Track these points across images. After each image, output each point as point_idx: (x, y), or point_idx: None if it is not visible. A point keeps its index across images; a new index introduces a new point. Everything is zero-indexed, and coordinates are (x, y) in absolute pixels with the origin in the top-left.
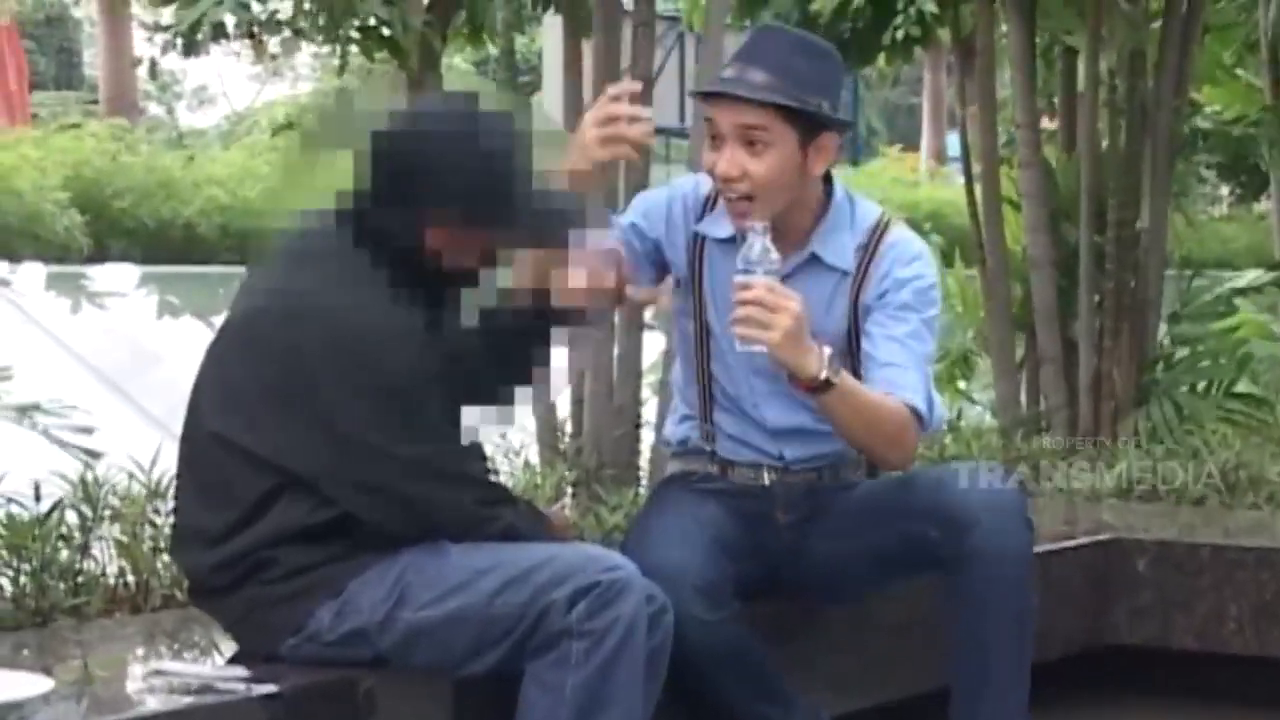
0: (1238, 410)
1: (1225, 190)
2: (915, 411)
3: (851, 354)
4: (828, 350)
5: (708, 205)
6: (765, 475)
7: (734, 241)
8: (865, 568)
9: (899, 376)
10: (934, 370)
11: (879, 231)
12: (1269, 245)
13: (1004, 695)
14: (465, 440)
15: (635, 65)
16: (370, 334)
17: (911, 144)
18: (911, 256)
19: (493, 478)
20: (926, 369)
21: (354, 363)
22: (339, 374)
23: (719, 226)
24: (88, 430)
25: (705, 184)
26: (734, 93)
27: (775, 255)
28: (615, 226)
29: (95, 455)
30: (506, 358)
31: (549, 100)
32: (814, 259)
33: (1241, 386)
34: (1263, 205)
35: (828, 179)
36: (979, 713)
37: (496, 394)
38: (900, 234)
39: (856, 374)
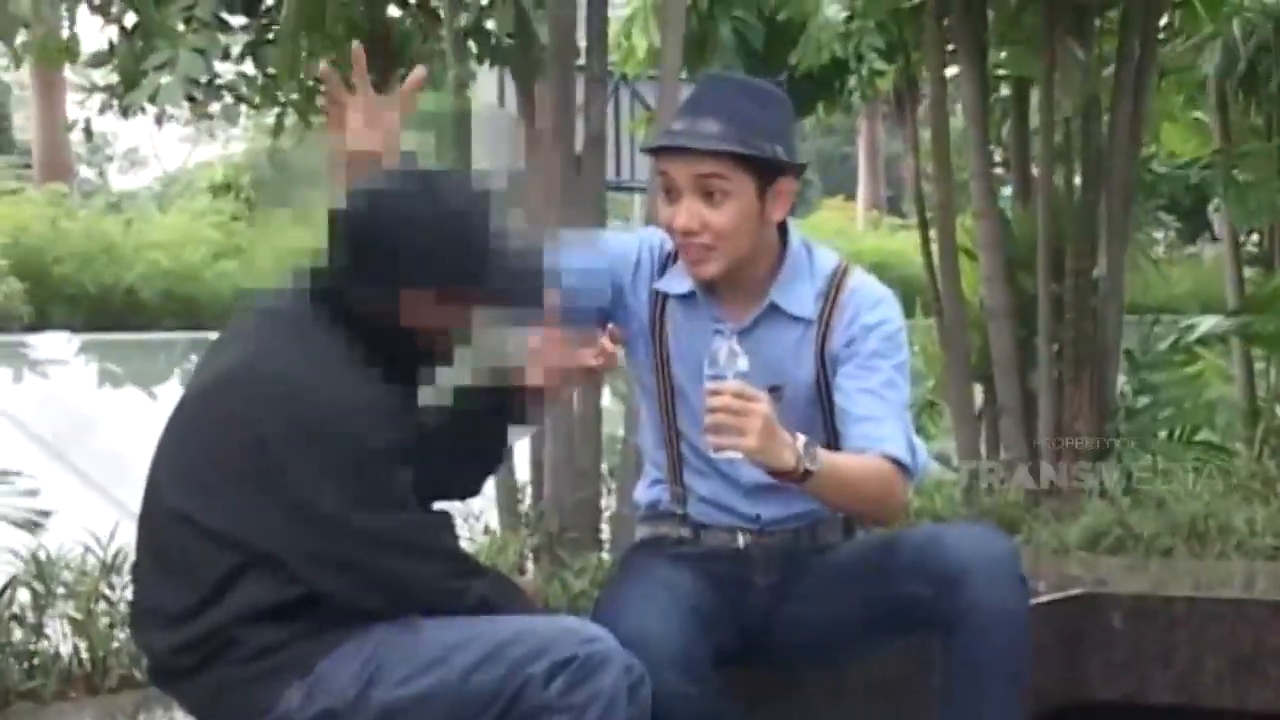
0: (1202, 458)
1: (1160, 234)
2: (899, 463)
3: (820, 403)
4: (801, 439)
5: (667, 262)
6: (740, 538)
7: (694, 297)
8: (850, 630)
9: (877, 430)
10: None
11: (838, 278)
12: (1213, 288)
13: None
14: (432, 512)
15: (589, 121)
16: (340, 410)
17: (848, 194)
18: (875, 301)
19: (461, 548)
20: (904, 416)
21: (322, 439)
22: (306, 451)
23: (678, 283)
24: (33, 493)
25: (668, 242)
26: (688, 145)
27: (742, 359)
28: (601, 246)
29: (45, 514)
30: (475, 441)
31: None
32: (774, 309)
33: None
34: (1198, 248)
35: (783, 228)
36: None
37: (466, 480)
38: (861, 280)
39: (829, 424)
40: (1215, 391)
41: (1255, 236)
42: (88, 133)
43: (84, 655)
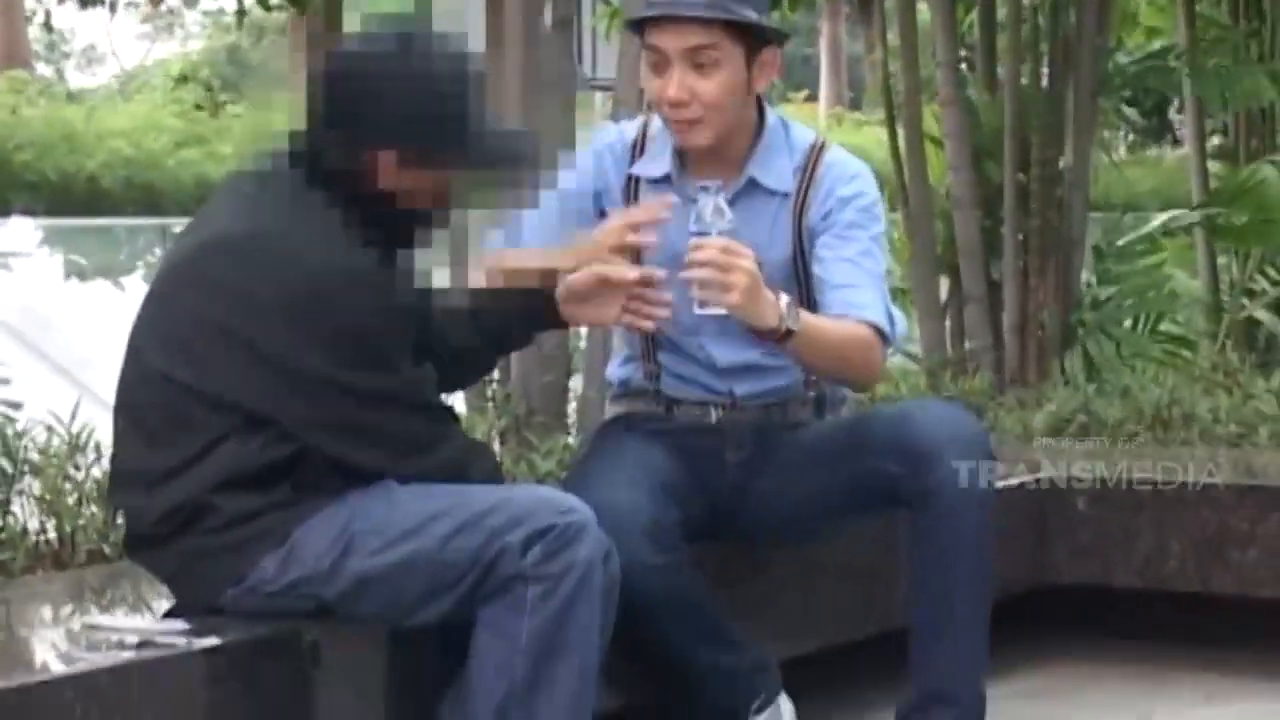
0: (1164, 348)
1: (1122, 134)
2: (877, 329)
3: (798, 278)
4: (785, 298)
5: (636, 149)
6: (713, 413)
7: (669, 180)
8: (819, 507)
9: (856, 296)
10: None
11: (815, 153)
12: (1174, 189)
13: (967, 631)
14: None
15: (556, 6)
16: (323, 272)
17: (810, 95)
18: (852, 174)
19: (444, 404)
20: (882, 285)
21: (308, 305)
22: (292, 313)
23: (652, 166)
24: (5, 381)
25: (630, 130)
26: (681, 13)
27: (728, 215)
28: (571, 167)
29: (16, 405)
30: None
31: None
32: (752, 183)
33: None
34: (1160, 150)
35: (759, 104)
36: (941, 648)
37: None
38: (838, 155)
39: (806, 298)
40: (1178, 284)
41: (1218, 136)
42: (47, 25)
43: (51, 533)
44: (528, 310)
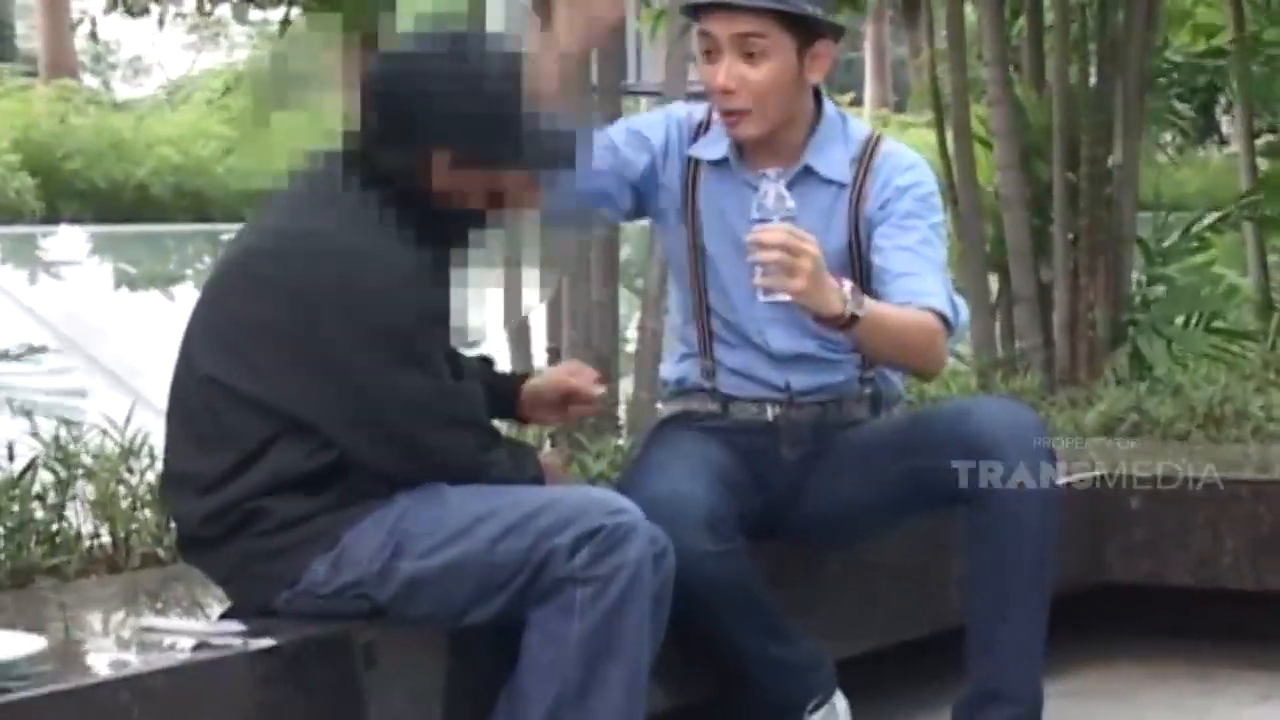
0: (1218, 345)
1: (1169, 136)
2: (941, 316)
3: (853, 268)
4: (848, 284)
5: (700, 130)
6: (769, 410)
7: (727, 163)
8: (876, 505)
9: (918, 284)
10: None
11: (872, 144)
12: (1221, 189)
13: (1025, 628)
14: (465, 382)
15: None
16: (375, 276)
17: (854, 99)
18: (908, 165)
19: (487, 420)
20: (943, 272)
21: (358, 305)
22: (342, 317)
23: (712, 149)
24: (65, 389)
25: (697, 112)
26: (730, 0)
27: (790, 202)
28: (604, 137)
29: (70, 412)
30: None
31: None
32: (808, 171)
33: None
34: (1206, 151)
35: (817, 94)
36: (999, 644)
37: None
38: (894, 146)
39: (862, 288)
40: (1229, 283)
41: (1267, 134)
42: (93, 35)
43: (105, 537)
44: (496, 393)
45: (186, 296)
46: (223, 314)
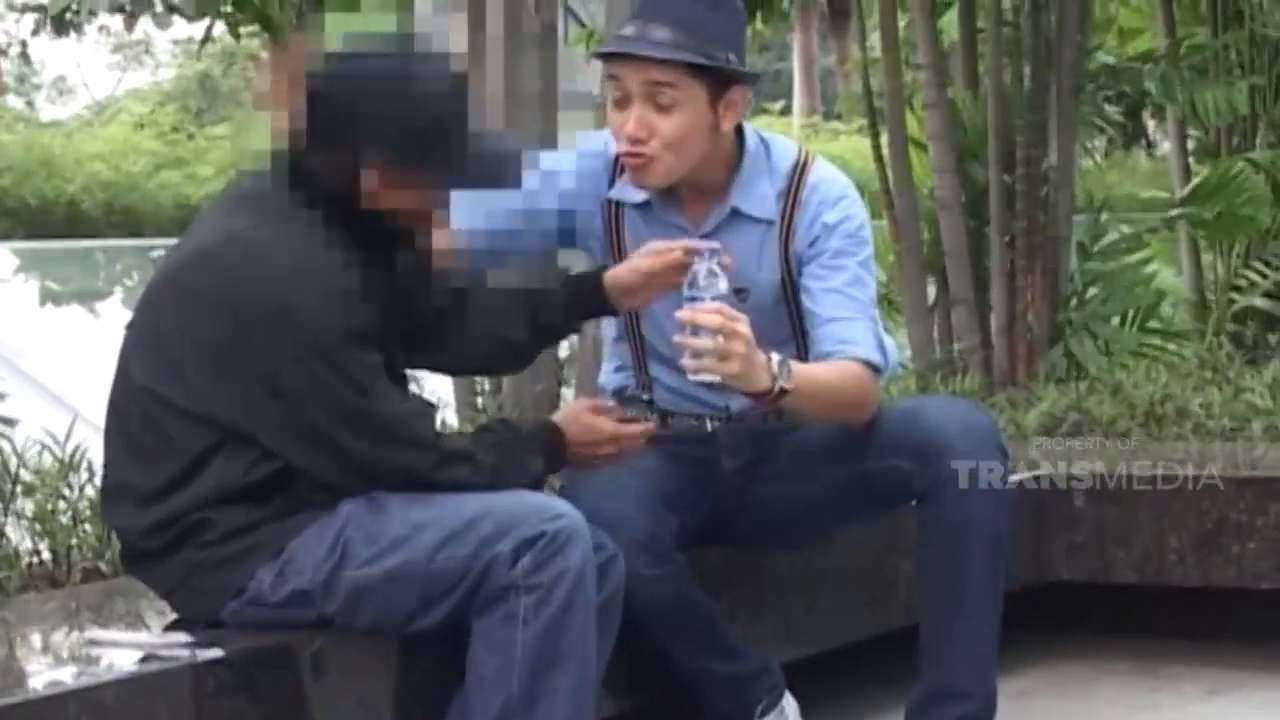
0: (1153, 345)
1: (1098, 141)
2: (870, 364)
3: (786, 303)
4: (775, 357)
5: (618, 169)
6: (708, 422)
7: (649, 206)
8: (826, 506)
9: (846, 331)
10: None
11: (799, 173)
12: (1150, 191)
13: (978, 625)
14: (412, 399)
15: (539, 9)
16: (307, 292)
17: (783, 108)
18: (837, 197)
19: (441, 437)
20: (872, 314)
21: (290, 322)
22: (274, 331)
23: (633, 192)
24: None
25: (613, 145)
26: (639, 52)
27: (723, 283)
28: (533, 169)
29: (10, 423)
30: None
31: None
32: (735, 213)
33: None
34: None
35: (738, 129)
36: (952, 642)
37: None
38: (822, 174)
39: (795, 324)
40: (1163, 282)
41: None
42: (24, 55)
43: (45, 552)
44: (582, 304)
45: (116, 312)
46: (159, 326)
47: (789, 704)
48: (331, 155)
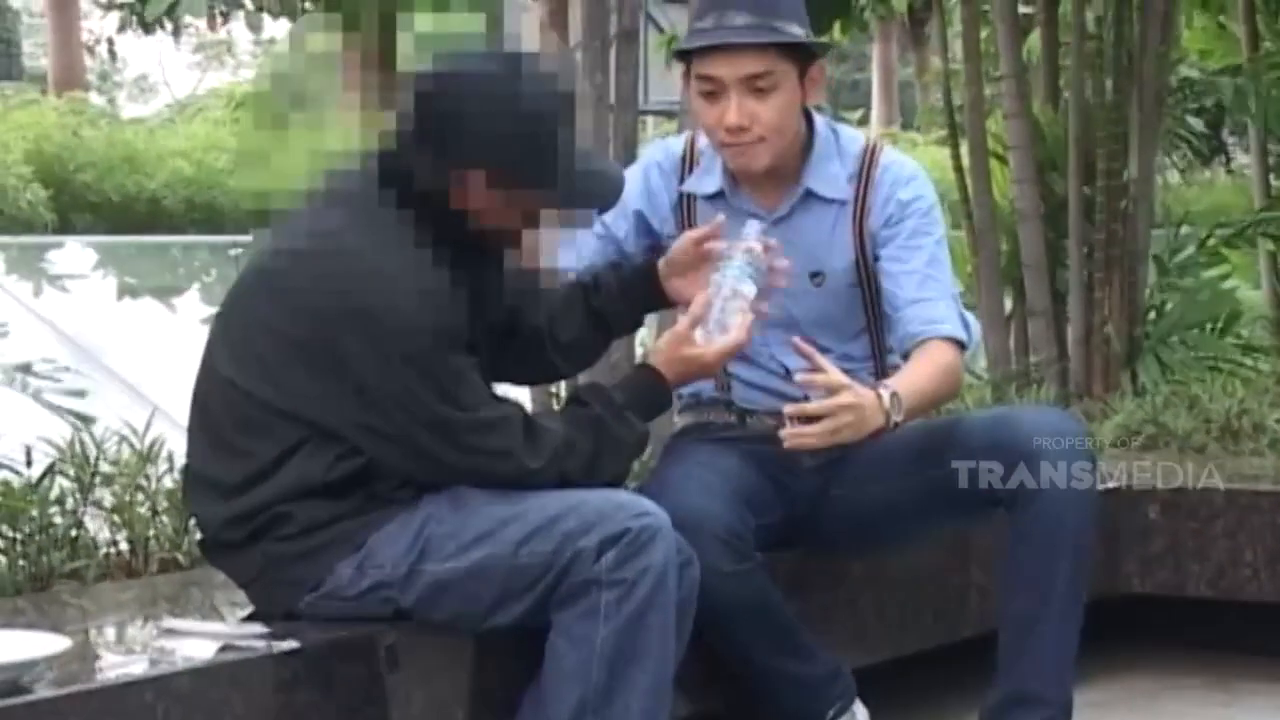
0: (1231, 359)
1: (1175, 157)
2: (957, 341)
3: (860, 284)
4: (886, 394)
5: (685, 166)
6: (788, 422)
7: (722, 196)
8: (905, 511)
9: (931, 311)
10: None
11: (869, 156)
12: (1228, 207)
13: (1060, 631)
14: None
15: (621, 15)
16: (393, 291)
17: (864, 117)
18: (909, 177)
19: (532, 431)
20: (952, 292)
21: (377, 322)
22: (361, 331)
23: (705, 183)
24: (79, 394)
25: (675, 146)
26: (734, 41)
27: (751, 281)
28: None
29: (88, 420)
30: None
31: None
32: (808, 195)
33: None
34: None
35: (807, 114)
36: (1034, 647)
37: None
38: (892, 156)
39: (869, 301)
40: (1241, 297)
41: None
42: (111, 53)
43: (123, 543)
44: (635, 290)
45: (194, 308)
46: (246, 321)
47: (859, 710)
48: (431, 160)
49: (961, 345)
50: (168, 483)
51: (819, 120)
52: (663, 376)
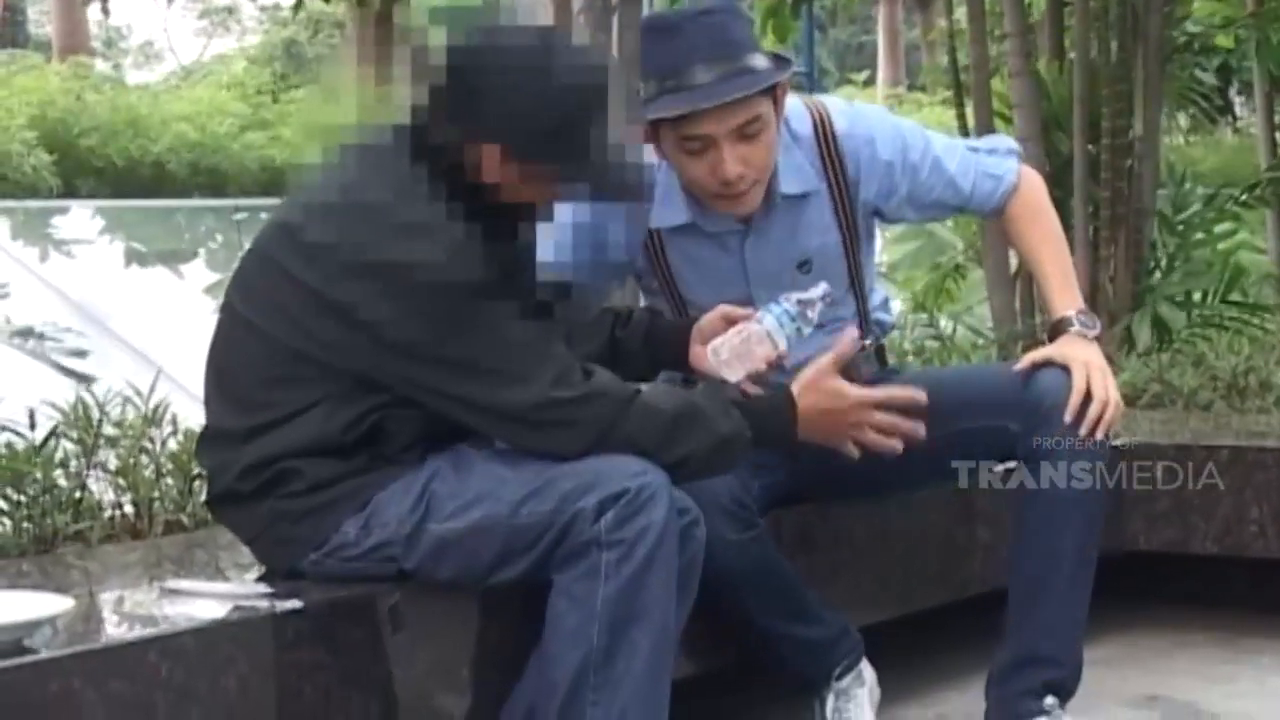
0: (1236, 317)
1: (1183, 117)
2: (1015, 182)
3: (847, 259)
4: (1073, 321)
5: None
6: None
7: (693, 224)
8: (916, 464)
9: (984, 185)
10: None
11: (824, 136)
12: (1237, 168)
13: (1071, 591)
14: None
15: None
16: (431, 251)
17: (869, 78)
18: (867, 136)
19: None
20: (973, 157)
21: (398, 270)
22: (384, 282)
23: (670, 215)
24: (81, 354)
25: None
26: (726, 99)
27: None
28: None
29: (89, 380)
30: None
31: None
32: (782, 197)
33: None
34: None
35: None
36: (1044, 607)
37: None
38: (842, 125)
39: (855, 274)
40: (1247, 258)
41: None
42: (105, 10)
43: (127, 505)
44: (660, 340)
45: (199, 273)
46: (268, 272)
47: (866, 670)
48: (451, 128)
49: (1017, 177)
50: (172, 445)
51: None
52: (793, 401)
